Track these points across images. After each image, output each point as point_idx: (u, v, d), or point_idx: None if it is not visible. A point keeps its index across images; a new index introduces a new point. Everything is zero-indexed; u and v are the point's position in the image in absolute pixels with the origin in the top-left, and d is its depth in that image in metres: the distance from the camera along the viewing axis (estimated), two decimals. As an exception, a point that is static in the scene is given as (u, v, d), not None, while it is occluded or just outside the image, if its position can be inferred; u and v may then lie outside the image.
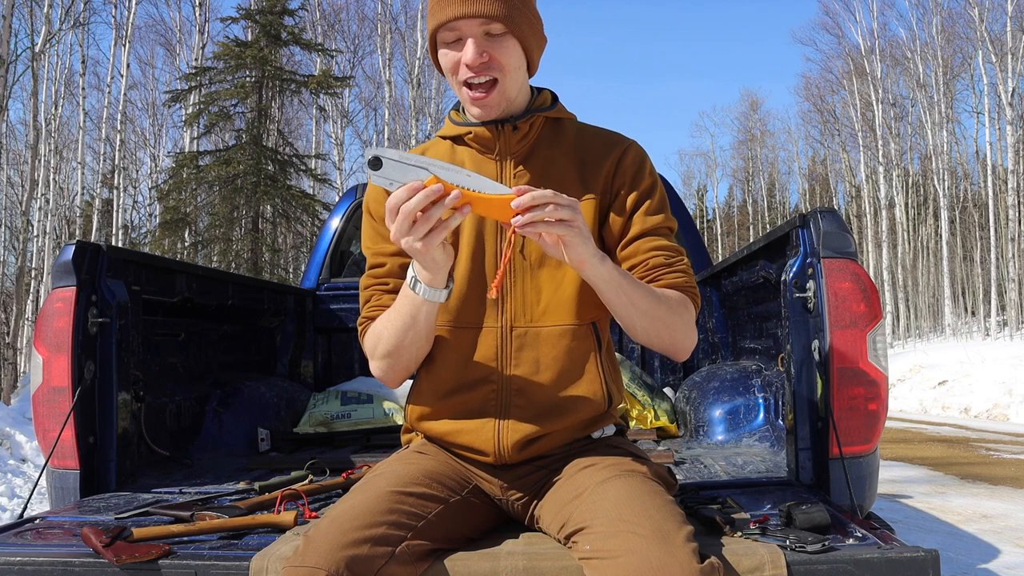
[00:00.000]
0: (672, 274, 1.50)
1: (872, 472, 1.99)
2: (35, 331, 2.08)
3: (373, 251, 1.60)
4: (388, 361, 1.52)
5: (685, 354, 1.53)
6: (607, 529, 1.27)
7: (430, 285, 1.38)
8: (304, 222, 15.35)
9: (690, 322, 1.50)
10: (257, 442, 2.82)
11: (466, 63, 1.44)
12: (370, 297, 1.59)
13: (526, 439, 1.48)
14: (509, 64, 1.46)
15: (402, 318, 1.45)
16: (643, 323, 1.44)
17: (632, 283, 1.41)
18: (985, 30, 22.88)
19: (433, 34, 1.48)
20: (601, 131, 1.61)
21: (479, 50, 1.43)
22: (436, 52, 1.52)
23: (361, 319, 1.60)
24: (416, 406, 1.58)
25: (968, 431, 9.53)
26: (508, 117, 1.52)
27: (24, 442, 6.77)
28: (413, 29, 25.52)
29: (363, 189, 3.96)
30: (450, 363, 1.52)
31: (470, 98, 1.47)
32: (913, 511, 4.76)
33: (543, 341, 1.50)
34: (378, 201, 1.58)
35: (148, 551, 1.43)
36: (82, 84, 17.94)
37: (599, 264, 1.35)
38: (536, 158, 1.55)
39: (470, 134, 1.55)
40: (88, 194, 20.11)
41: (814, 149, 37.73)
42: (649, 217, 1.52)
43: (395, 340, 1.48)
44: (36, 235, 17.51)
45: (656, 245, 1.51)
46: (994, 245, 23.12)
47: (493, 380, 1.50)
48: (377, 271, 1.59)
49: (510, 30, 1.44)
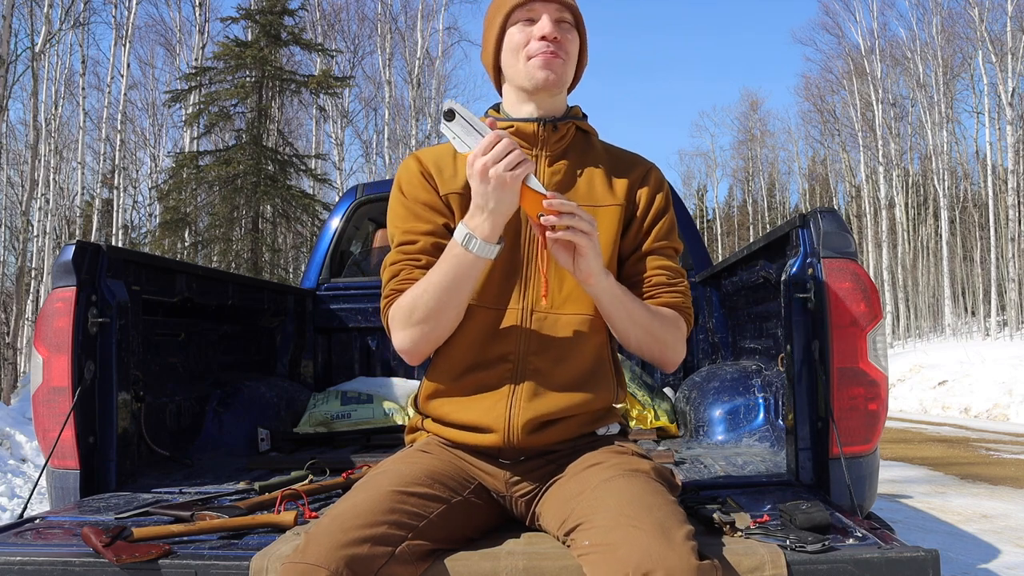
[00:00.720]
0: (671, 293, 1.60)
1: (872, 472, 1.99)
2: (35, 331, 2.08)
3: (403, 229, 1.60)
4: (421, 329, 1.51)
5: (672, 366, 1.63)
6: (607, 524, 1.28)
7: (486, 240, 1.42)
8: (304, 222, 15.35)
9: (681, 339, 1.60)
10: (257, 442, 2.82)
11: (543, 34, 1.53)
12: (399, 272, 1.57)
13: (538, 420, 1.50)
14: (571, 54, 1.58)
15: (446, 279, 1.46)
16: (636, 334, 1.54)
17: (631, 298, 1.52)
18: (985, 30, 22.89)
19: (508, 14, 1.56)
20: (624, 151, 1.72)
21: (555, 26, 1.54)
22: (500, 40, 1.59)
23: (388, 291, 1.57)
24: (430, 384, 1.59)
25: (968, 431, 9.53)
26: (551, 117, 1.60)
27: (24, 442, 6.77)
28: (413, 29, 25.54)
29: (363, 189, 3.95)
30: (469, 341, 1.54)
31: (541, 60, 1.54)
32: (913, 511, 4.76)
33: (562, 327, 1.54)
34: (412, 183, 1.61)
35: (148, 551, 1.43)
36: (82, 84, 17.94)
37: (603, 279, 1.46)
38: (569, 159, 1.62)
39: (512, 128, 1.59)
40: (88, 194, 20.11)
41: (814, 149, 37.79)
42: (660, 238, 1.63)
43: (435, 304, 1.48)
44: (36, 235, 17.51)
45: (661, 264, 1.61)
46: (994, 245, 23.13)
47: (510, 360, 1.52)
48: (408, 247, 1.58)
49: (576, 25, 1.58)
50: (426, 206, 1.59)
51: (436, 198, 1.59)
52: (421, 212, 1.59)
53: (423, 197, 1.59)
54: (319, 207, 15.16)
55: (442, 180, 1.60)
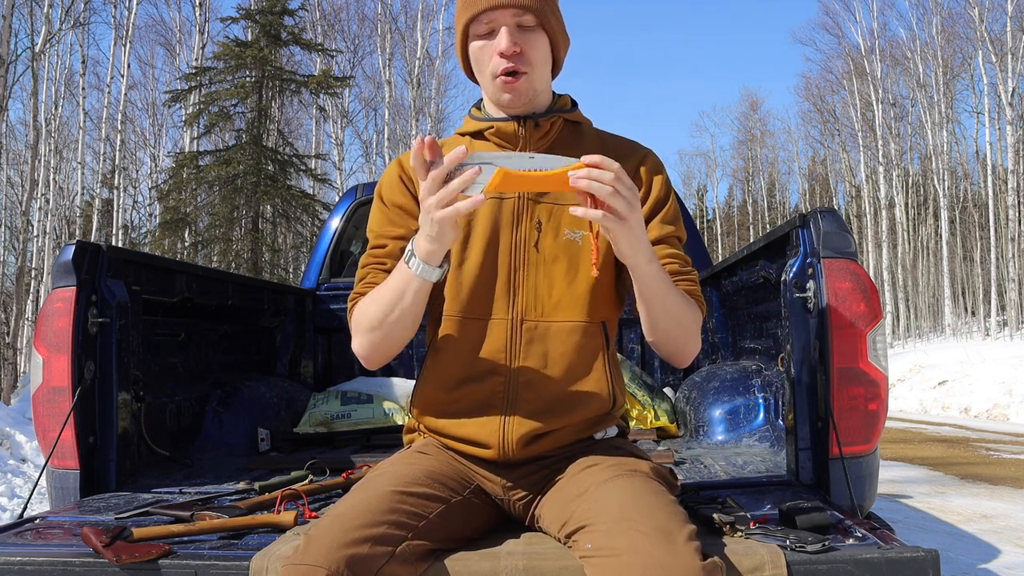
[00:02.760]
0: (685, 282, 1.53)
1: (872, 472, 1.99)
2: (35, 331, 2.08)
3: (377, 232, 1.61)
4: (369, 336, 1.52)
5: (688, 359, 1.56)
6: (609, 527, 1.27)
7: (426, 261, 1.38)
8: (304, 222, 15.35)
9: (699, 331, 1.55)
10: (257, 442, 2.82)
11: (500, 51, 1.46)
12: (365, 275, 1.59)
13: (532, 434, 1.48)
14: (538, 59, 1.50)
15: (392, 294, 1.45)
16: (666, 325, 1.48)
17: (671, 286, 1.45)
18: (985, 30, 22.88)
19: (465, 27, 1.50)
20: (619, 137, 1.65)
21: (512, 39, 1.46)
22: (466, 50, 1.54)
23: (353, 295, 1.60)
24: (422, 397, 1.58)
25: (968, 431, 9.53)
26: (531, 114, 1.54)
27: (24, 442, 6.77)
28: (413, 29, 25.54)
29: (363, 189, 3.96)
30: (458, 354, 1.53)
31: (501, 84, 1.49)
32: (913, 511, 4.76)
33: (553, 336, 1.51)
34: (391, 187, 1.61)
35: (148, 551, 1.43)
36: (82, 84, 17.94)
37: (646, 263, 1.37)
38: (558, 155, 1.57)
39: (491, 128, 1.56)
40: (88, 194, 20.10)
41: (814, 149, 37.77)
42: (665, 225, 1.56)
43: (380, 315, 1.47)
44: (36, 235, 17.50)
45: (670, 253, 1.55)
46: (994, 245, 23.12)
47: (501, 373, 1.50)
48: (377, 251, 1.60)
49: (541, 23, 1.49)
50: (400, 210, 1.58)
51: (412, 203, 1.57)
52: (395, 216, 1.58)
53: (399, 201, 1.59)
54: (319, 207, 15.17)
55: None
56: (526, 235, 1.52)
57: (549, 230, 1.52)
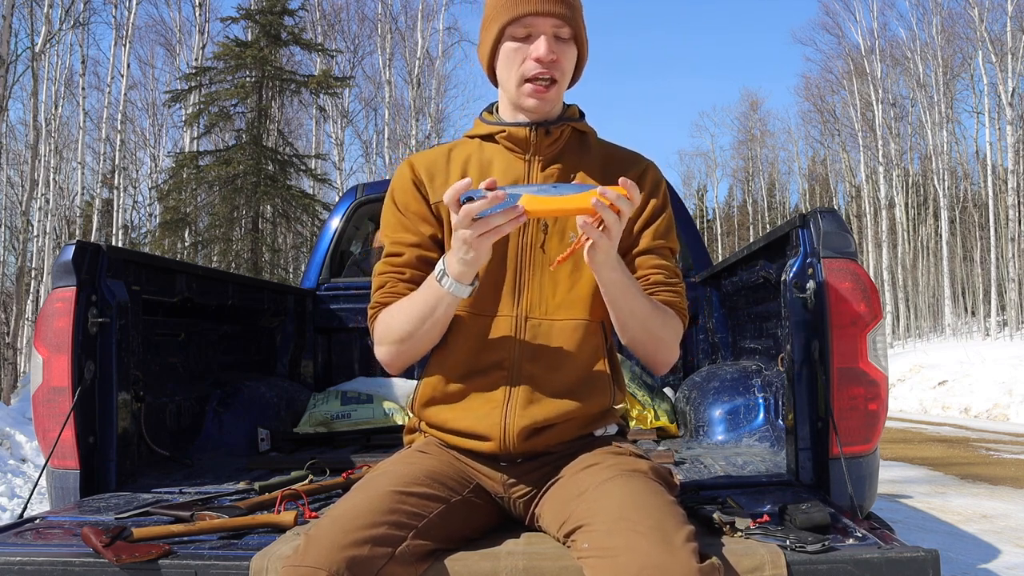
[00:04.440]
0: (668, 292, 1.59)
1: (872, 472, 1.99)
2: (35, 331, 2.08)
3: (392, 239, 1.62)
4: (398, 347, 1.56)
5: (664, 367, 1.62)
6: (607, 527, 1.27)
7: (459, 280, 1.42)
8: (304, 222, 15.34)
9: (676, 339, 1.59)
10: (257, 442, 2.82)
11: (538, 57, 1.50)
12: (384, 283, 1.61)
13: (533, 427, 1.50)
14: (567, 70, 1.55)
15: (422, 308, 1.49)
16: (634, 331, 1.54)
17: (639, 294, 1.51)
18: (985, 30, 22.88)
19: (503, 27, 1.53)
20: (622, 148, 1.69)
21: (550, 47, 1.50)
22: (495, 48, 1.56)
23: (373, 303, 1.62)
24: (425, 390, 1.60)
25: (968, 431, 9.53)
26: (543, 120, 1.58)
27: (24, 442, 6.77)
28: (413, 29, 25.53)
29: (363, 189, 3.95)
30: (463, 348, 1.55)
31: (531, 90, 1.53)
32: (913, 511, 4.76)
33: (556, 333, 1.54)
34: (404, 191, 1.62)
35: (148, 551, 1.43)
36: (82, 84, 17.93)
37: (610, 271, 1.44)
38: (563, 162, 1.61)
39: (503, 132, 1.59)
40: (88, 194, 20.10)
41: (814, 149, 37.75)
42: (657, 236, 1.61)
43: (410, 328, 1.51)
44: (36, 235, 17.50)
45: (658, 264, 1.60)
46: (994, 245, 23.12)
47: (505, 367, 1.53)
48: (394, 259, 1.61)
49: (574, 37, 1.54)
50: (415, 216, 1.60)
51: (425, 208, 1.60)
52: (409, 223, 1.60)
53: (412, 207, 1.60)
54: (319, 207, 15.16)
55: (433, 188, 1.60)
56: (533, 237, 1.56)
57: (555, 232, 1.56)
